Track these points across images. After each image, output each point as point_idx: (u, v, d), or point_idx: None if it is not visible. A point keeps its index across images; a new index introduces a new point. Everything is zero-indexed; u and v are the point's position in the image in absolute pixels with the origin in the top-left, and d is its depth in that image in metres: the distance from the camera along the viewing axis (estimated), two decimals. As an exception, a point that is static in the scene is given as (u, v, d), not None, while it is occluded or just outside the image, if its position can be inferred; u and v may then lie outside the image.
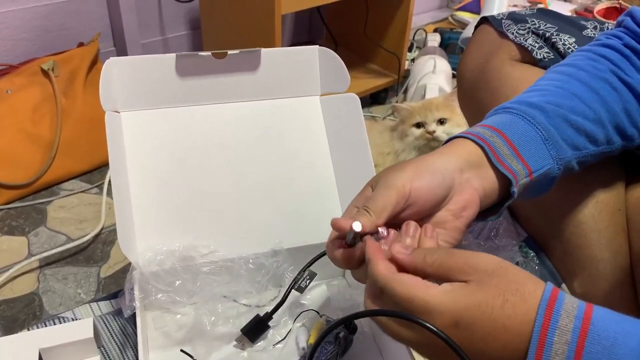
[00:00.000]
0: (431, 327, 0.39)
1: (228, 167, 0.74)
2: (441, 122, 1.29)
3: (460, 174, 0.53)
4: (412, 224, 0.50)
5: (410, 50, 1.75)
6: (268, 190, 0.75)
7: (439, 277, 0.42)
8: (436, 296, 0.40)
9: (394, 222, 0.51)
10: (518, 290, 0.39)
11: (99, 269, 1.05)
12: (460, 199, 0.53)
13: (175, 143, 0.73)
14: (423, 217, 0.52)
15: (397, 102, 1.52)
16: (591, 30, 0.81)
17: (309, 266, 0.70)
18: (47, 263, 1.04)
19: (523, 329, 0.38)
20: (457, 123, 1.29)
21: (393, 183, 0.50)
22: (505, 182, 0.55)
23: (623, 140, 0.63)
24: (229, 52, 0.73)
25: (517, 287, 0.40)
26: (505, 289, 0.39)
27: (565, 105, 0.59)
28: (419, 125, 1.30)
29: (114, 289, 0.90)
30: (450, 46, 1.73)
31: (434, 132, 1.29)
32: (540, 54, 0.80)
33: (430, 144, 1.34)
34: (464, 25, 1.96)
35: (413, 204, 0.50)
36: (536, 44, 0.81)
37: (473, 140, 0.55)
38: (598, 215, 0.73)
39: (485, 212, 0.57)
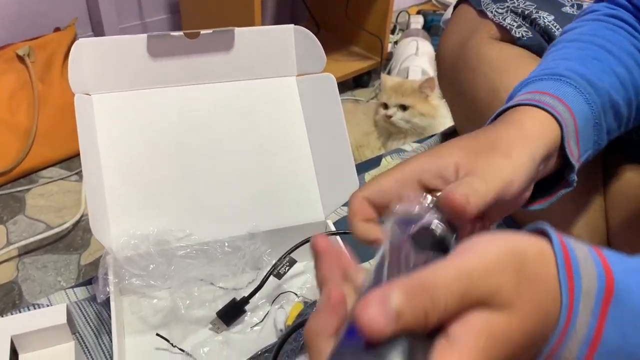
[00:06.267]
0: None
1: (203, 149, 0.73)
2: (403, 108, 1.28)
3: (537, 169, 0.45)
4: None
5: (393, 32, 1.74)
6: (244, 172, 0.74)
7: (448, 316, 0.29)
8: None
9: None
10: (547, 292, 0.30)
11: (79, 257, 1.04)
12: (523, 199, 0.45)
13: (149, 125, 0.72)
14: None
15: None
16: (569, 8, 0.81)
17: (289, 253, 0.69)
18: (26, 251, 1.03)
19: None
20: (420, 112, 1.28)
21: (501, 170, 0.40)
22: (556, 167, 0.49)
23: (635, 122, 0.59)
24: (202, 32, 0.72)
25: (545, 288, 0.30)
26: (538, 297, 0.30)
27: (608, 83, 0.54)
28: (385, 105, 1.30)
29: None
30: (433, 28, 1.72)
31: (390, 117, 1.28)
32: (518, 33, 0.80)
33: (389, 128, 1.33)
34: (447, 7, 1.95)
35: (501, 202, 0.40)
36: (515, 23, 0.81)
37: (555, 118, 0.47)
38: (577, 195, 0.73)
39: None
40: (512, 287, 0.29)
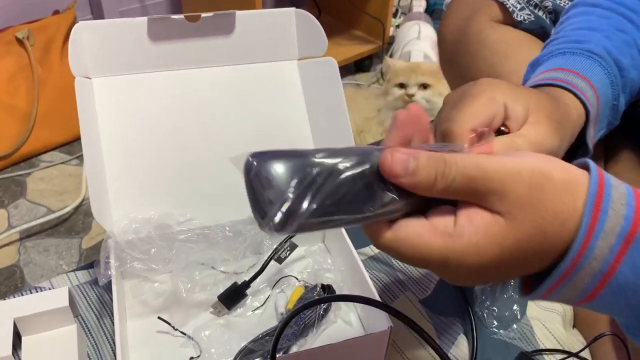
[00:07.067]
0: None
1: (204, 133, 0.72)
2: (424, 87, 1.28)
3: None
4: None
5: (395, 16, 1.73)
6: (245, 156, 0.73)
7: (455, 197, 0.34)
8: (457, 250, 0.33)
9: None
10: (556, 217, 0.32)
11: (81, 240, 1.04)
12: None
13: (149, 109, 0.71)
14: None
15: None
16: None
17: (290, 238, 0.69)
18: (27, 235, 1.04)
19: (559, 247, 0.33)
20: (440, 91, 1.28)
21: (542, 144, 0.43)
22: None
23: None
24: (203, 15, 0.71)
25: (555, 213, 0.32)
26: (542, 219, 0.32)
27: (630, 58, 0.56)
28: (401, 85, 1.30)
29: (95, 260, 0.89)
30: (435, 12, 1.70)
31: (413, 95, 1.28)
32: (520, 16, 0.79)
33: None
34: (450, -10, 1.93)
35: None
36: (518, 5, 0.80)
37: (585, 108, 0.50)
38: None
39: None
40: (520, 200, 0.32)
